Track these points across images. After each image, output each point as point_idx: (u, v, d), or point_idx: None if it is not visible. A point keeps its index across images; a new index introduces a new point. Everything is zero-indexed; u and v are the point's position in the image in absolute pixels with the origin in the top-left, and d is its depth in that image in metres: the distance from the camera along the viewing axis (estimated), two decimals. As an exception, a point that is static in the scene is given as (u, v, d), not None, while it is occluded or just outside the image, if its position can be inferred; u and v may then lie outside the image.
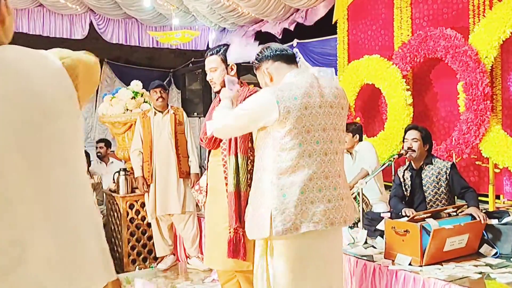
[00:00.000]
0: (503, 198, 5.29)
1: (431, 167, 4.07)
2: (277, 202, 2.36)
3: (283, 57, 2.54)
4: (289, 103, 2.36)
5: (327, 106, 2.42)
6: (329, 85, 2.51)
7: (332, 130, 2.43)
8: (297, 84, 2.43)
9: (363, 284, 3.52)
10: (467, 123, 5.12)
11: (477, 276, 3.08)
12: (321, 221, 2.32)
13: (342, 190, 2.46)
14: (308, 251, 2.40)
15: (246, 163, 2.90)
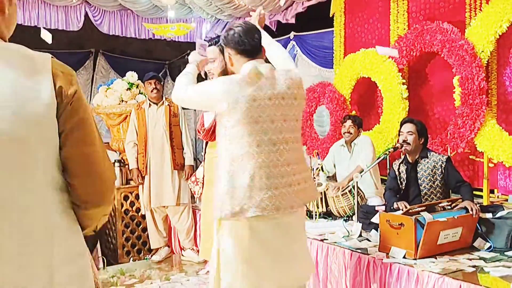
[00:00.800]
0: (497, 192, 5.30)
1: (426, 160, 4.07)
2: (228, 187, 2.48)
3: (244, 52, 2.58)
4: (238, 94, 2.44)
5: (278, 98, 2.49)
6: (285, 76, 2.56)
7: (282, 121, 2.51)
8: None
9: (357, 277, 3.53)
10: (462, 117, 5.13)
11: (471, 269, 3.10)
12: (268, 206, 2.42)
13: (294, 176, 2.54)
14: (254, 234, 2.49)
15: None
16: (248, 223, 2.47)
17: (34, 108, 1.29)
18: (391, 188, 4.25)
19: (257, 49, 2.60)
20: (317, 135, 6.97)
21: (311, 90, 6.90)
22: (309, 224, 4.45)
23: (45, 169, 1.33)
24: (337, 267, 3.72)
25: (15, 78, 1.28)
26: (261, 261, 2.49)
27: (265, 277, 2.49)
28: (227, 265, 2.56)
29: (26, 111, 1.27)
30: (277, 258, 2.52)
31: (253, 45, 2.59)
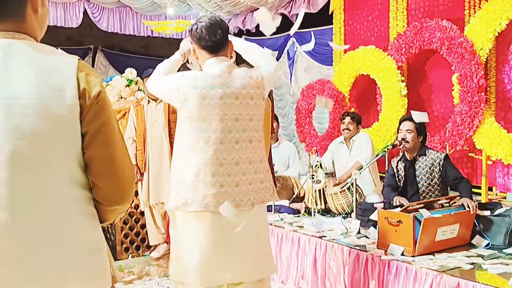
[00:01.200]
0: (496, 190, 5.32)
1: (424, 158, 4.08)
2: (176, 180, 2.54)
3: (206, 48, 2.58)
4: (189, 91, 2.48)
5: (231, 97, 2.49)
6: (243, 75, 2.55)
7: (233, 120, 2.50)
8: (206, 74, 2.53)
9: (355, 274, 3.54)
10: (461, 115, 5.13)
11: (469, 266, 3.10)
12: (211, 203, 2.43)
13: (244, 176, 2.52)
14: (194, 228, 2.51)
15: None
16: (190, 217, 2.49)
17: (58, 108, 1.34)
18: (389, 185, 4.25)
19: (219, 45, 2.58)
20: (316, 133, 6.97)
21: (310, 87, 6.90)
22: (308, 221, 4.45)
23: (65, 166, 1.38)
24: (335, 264, 3.72)
25: (41, 79, 1.33)
26: (197, 255, 2.49)
27: (200, 271, 2.48)
28: (172, 254, 2.67)
29: (49, 110, 1.33)
30: (213, 254, 2.49)
31: (215, 42, 2.56)
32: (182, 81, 2.52)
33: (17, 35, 1.38)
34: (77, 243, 1.40)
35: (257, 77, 2.58)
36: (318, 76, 7.24)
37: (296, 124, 7.25)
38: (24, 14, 1.40)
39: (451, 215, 3.42)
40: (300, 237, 4.09)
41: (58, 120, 1.35)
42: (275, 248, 4.29)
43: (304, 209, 4.82)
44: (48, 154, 1.34)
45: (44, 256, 1.34)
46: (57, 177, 1.37)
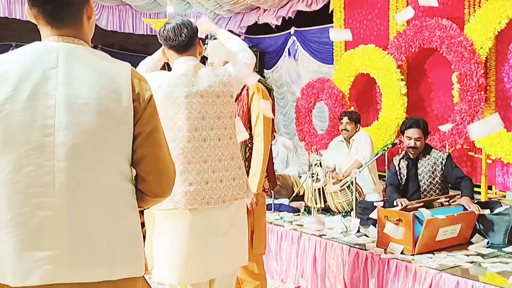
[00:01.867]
0: (495, 189, 5.32)
1: (427, 157, 4.08)
2: None
3: (172, 48, 2.59)
4: (154, 91, 2.42)
5: (197, 96, 2.48)
6: (210, 73, 2.55)
7: (200, 118, 2.49)
8: (172, 73, 2.55)
9: (355, 273, 3.54)
10: (461, 114, 5.13)
11: (469, 265, 3.11)
12: (181, 201, 2.42)
13: (214, 174, 2.50)
14: (167, 225, 2.51)
15: (245, 150, 2.93)
16: (164, 215, 2.49)
17: (114, 109, 1.49)
18: (392, 183, 4.25)
19: (185, 45, 2.58)
20: (316, 131, 6.97)
21: (310, 86, 6.90)
22: (307, 219, 4.46)
23: (116, 161, 1.52)
24: (335, 263, 3.72)
25: (100, 81, 1.48)
26: (173, 254, 2.48)
27: (177, 270, 2.48)
28: (150, 253, 2.74)
29: (107, 110, 1.48)
30: (189, 252, 2.48)
31: (180, 42, 2.58)
32: (148, 81, 2.51)
33: (76, 41, 1.54)
34: (123, 231, 1.53)
35: (223, 75, 2.57)
36: (319, 75, 7.24)
37: (295, 123, 7.26)
38: (81, 21, 1.57)
39: (454, 216, 3.42)
40: (300, 236, 4.10)
41: (114, 120, 1.49)
42: (274, 246, 4.30)
43: (303, 207, 4.83)
44: (102, 149, 1.48)
45: (96, 240, 1.47)
46: (109, 170, 1.50)
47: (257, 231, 3.00)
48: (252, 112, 2.97)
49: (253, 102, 2.95)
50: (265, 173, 2.97)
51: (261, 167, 2.91)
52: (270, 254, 4.31)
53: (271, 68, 8.35)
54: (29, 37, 7.83)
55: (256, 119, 2.94)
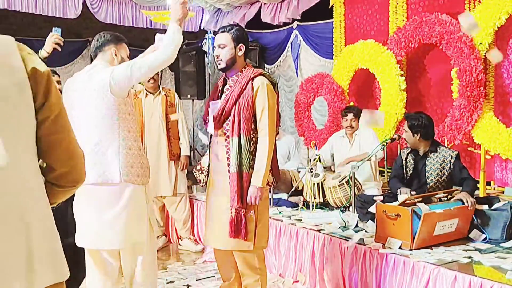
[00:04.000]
0: (494, 184, 5.33)
1: (436, 154, 4.09)
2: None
3: (92, 54, 3.05)
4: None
5: (80, 89, 2.85)
6: (96, 71, 2.89)
7: (81, 110, 2.80)
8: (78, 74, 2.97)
9: (353, 267, 3.56)
10: (460, 109, 5.13)
11: (466, 260, 3.12)
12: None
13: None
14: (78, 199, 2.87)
15: (249, 144, 2.94)
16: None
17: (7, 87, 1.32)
18: (396, 176, 4.25)
19: (96, 51, 3.02)
20: (315, 126, 6.97)
21: (309, 81, 6.89)
22: (306, 214, 4.47)
23: (27, 135, 1.38)
24: (333, 257, 3.73)
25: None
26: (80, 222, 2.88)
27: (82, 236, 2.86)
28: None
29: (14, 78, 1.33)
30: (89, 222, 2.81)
31: (94, 48, 3.04)
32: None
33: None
34: (37, 235, 1.36)
35: (94, 72, 2.87)
36: (322, 69, 7.22)
37: (295, 118, 7.25)
38: None
39: (450, 210, 3.44)
40: (299, 231, 4.11)
41: (18, 88, 1.35)
42: (273, 241, 4.31)
43: (302, 202, 4.84)
44: (14, 118, 1.34)
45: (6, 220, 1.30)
46: (21, 143, 1.36)
47: (260, 225, 3.01)
48: (257, 106, 2.97)
49: (258, 97, 2.96)
50: (269, 168, 2.98)
51: (266, 162, 2.92)
52: (268, 249, 4.32)
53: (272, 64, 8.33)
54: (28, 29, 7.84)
55: (260, 114, 2.95)
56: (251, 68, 3.06)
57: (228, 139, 2.96)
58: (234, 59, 3.00)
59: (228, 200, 2.93)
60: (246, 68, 3.04)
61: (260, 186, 2.89)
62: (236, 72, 3.04)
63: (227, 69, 3.04)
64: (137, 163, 2.83)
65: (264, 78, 2.99)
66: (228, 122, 2.97)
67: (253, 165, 2.93)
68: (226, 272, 3.18)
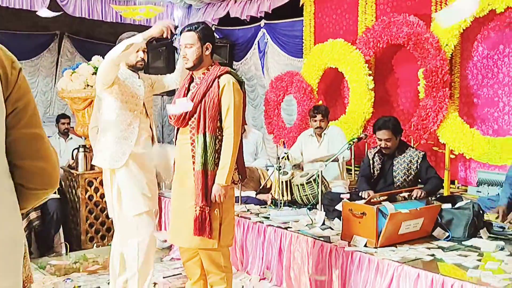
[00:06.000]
0: (458, 183, 5.44)
1: (403, 154, 4.15)
2: None
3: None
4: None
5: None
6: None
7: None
8: None
9: (319, 265, 3.59)
10: (426, 109, 5.22)
11: (429, 258, 3.18)
12: None
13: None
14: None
15: (214, 142, 2.93)
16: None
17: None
18: (364, 175, 4.30)
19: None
20: (284, 124, 7.00)
21: (279, 79, 6.91)
22: (274, 212, 4.49)
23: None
24: (300, 255, 3.76)
25: None
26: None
27: None
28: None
29: None
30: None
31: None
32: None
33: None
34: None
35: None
36: (289, 68, 7.24)
37: (264, 116, 7.26)
38: None
39: (416, 210, 3.49)
40: (266, 228, 4.12)
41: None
42: (240, 238, 4.31)
43: (270, 200, 4.85)
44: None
45: None
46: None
47: (225, 223, 3.01)
48: (223, 104, 2.97)
49: (224, 95, 2.96)
50: (234, 165, 2.98)
51: (231, 159, 2.92)
52: (236, 246, 4.32)
53: (240, 60, 8.33)
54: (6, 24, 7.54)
55: (226, 112, 2.95)
56: (218, 66, 3.06)
57: (193, 137, 2.95)
58: (201, 58, 3.00)
59: (193, 198, 2.93)
60: (213, 66, 3.04)
61: (224, 184, 2.89)
62: (202, 70, 3.04)
63: (194, 68, 3.03)
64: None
65: (231, 77, 3.00)
66: (193, 120, 2.96)
67: (218, 163, 2.93)
68: (191, 270, 3.17)
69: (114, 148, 3.45)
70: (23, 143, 1.33)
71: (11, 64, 1.30)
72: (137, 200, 3.45)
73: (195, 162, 2.93)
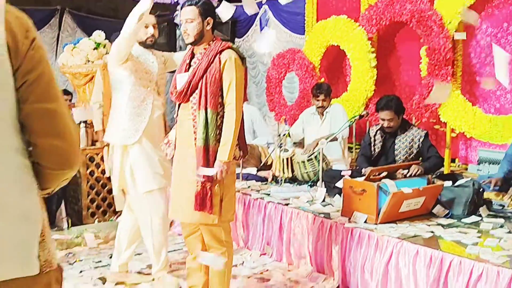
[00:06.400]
0: (458, 162, 5.45)
1: (405, 133, 4.14)
2: None
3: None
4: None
5: None
6: None
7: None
8: None
9: (319, 241, 3.62)
10: (428, 88, 5.20)
11: (429, 235, 3.20)
12: None
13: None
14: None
15: (216, 118, 2.92)
16: None
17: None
18: (364, 154, 4.31)
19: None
20: (286, 102, 6.99)
21: (281, 56, 6.88)
22: (275, 188, 4.51)
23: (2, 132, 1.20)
24: (300, 231, 3.79)
25: None
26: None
27: None
28: None
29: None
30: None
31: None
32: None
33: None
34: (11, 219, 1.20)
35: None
36: (291, 45, 7.20)
37: (266, 93, 7.25)
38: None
39: (419, 190, 3.49)
40: (267, 205, 4.14)
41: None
42: (241, 214, 4.34)
43: (271, 177, 4.87)
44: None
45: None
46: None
47: (226, 198, 3.02)
48: (224, 80, 2.95)
49: (225, 70, 2.94)
50: (236, 142, 2.98)
51: (233, 136, 2.91)
52: (237, 222, 4.35)
53: (241, 37, 8.27)
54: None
55: (228, 87, 2.93)
56: (219, 41, 3.03)
57: (195, 113, 2.94)
58: (202, 33, 2.97)
59: (194, 174, 2.93)
60: (214, 41, 3.01)
61: (226, 161, 2.89)
62: (204, 45, 3.01)
63: (195, 43, 3.01)
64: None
65: (232, 52, 2.97)
66: (195, 96, 2.94)
67: (219, 139, 2.92)
68: (192, 244, 3.19)
69: (127, 125, 3.48)
70: (36, 119, 1.24)
71: (24, 33, 1.21)
72: (148, 177, 3.51)
73: (196, 138, 2.93)
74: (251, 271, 3.83)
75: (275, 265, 3.95)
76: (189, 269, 3.22)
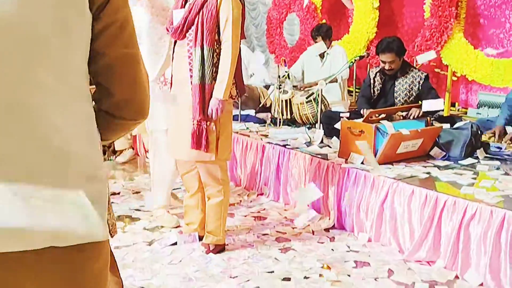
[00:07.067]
0: (458, 106, 5.43)
1: (406, 75, 4.08)
2: None
3: None
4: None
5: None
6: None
7: None
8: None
9: (316, 181, 3.63)
10: (430, 30, 5.12)
11: (425, 175, 3.22)
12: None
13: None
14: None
15: (212, 55, 2.88)
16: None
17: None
18: (364, 95, 4.27)
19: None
20: (286, 44, 6.89)
21: (282, -4, 6.74)
22: (273, 130, 4.51)
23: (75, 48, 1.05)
24: (297, 171, 3.81)
25: None
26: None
27: None
28: None
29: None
30: None
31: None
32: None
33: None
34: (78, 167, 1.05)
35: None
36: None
37: (266, 35, 7.15)
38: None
39: (417, 131, 3.48)
40: (265, 146, 4.15)
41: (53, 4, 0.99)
42: (239, 155, 4.36)
43: (270, 119, 4.86)
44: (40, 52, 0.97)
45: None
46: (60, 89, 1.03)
47: (223, 137, 3.02)
48: (221, 17, 2.89)
49: (222, 7, 2.87)
50: (232, 80, 2.95)
51: (229, 73, 2.88)
52: (235, 162, 4.37)
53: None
54: None
55: (224, 24, 2.88)
56: None
57: (191, 50, 2.89)
58: None
59: (190, 112, 2.92)
60: None
61: (222, 98, 2.87)
62: None
63: None
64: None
65: None
66: (191, 32, 2.89)
67: (215, 77, 2.89)
68: (189, 183, 3.22)
69: (145, 62, 3.42)
70: (119, 66, 1.13)
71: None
72: (162, 116, 3.48)
73: (192, 75, 2.90)
74: (248, 211, 3.88)
75: (272, 204, 3.99)
76: (186, 207, 3.26)
